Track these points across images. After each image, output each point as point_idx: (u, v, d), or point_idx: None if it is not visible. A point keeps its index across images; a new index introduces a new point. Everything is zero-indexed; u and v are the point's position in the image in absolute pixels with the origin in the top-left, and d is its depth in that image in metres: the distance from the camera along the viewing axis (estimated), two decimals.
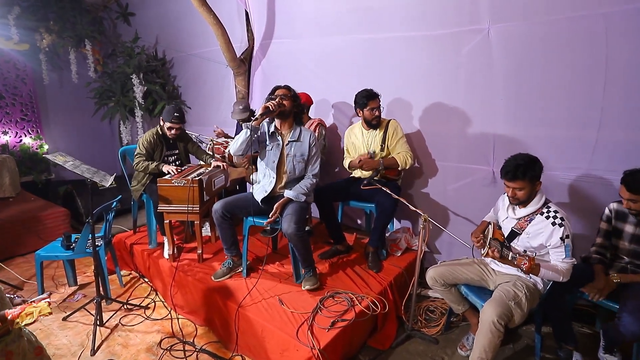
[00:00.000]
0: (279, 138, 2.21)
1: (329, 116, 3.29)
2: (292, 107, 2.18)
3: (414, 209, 2.02)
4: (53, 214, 3.42)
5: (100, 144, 5.32)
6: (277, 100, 2.11)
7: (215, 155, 3.15)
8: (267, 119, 2.22)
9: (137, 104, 4.17)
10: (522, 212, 1.80)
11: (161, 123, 2.68)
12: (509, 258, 1.66)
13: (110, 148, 5.42)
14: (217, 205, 2.17)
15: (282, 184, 2.25)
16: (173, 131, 2.65)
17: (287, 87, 2.22)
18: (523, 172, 1.68)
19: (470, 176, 2.63)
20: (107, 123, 4.95)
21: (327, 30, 3.13)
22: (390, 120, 2.59)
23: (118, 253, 2.94)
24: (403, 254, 2.67)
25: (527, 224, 1.78)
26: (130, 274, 2.92)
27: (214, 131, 3.49)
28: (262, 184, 2.27)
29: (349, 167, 2.66)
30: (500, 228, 1.97)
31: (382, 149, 2.55)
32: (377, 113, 2.49)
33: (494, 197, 2.52)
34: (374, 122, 2.51)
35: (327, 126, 3.22)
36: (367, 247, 2.51)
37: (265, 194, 2.22)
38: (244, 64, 3.65)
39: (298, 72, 3.36)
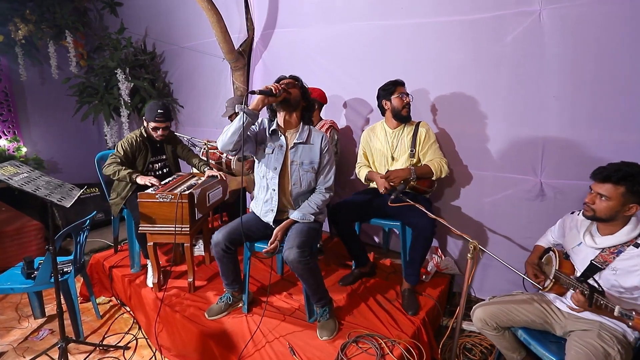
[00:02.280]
0: (282, 138, 1.77)
1: (341, 117, 2.88)
2: (299, 98, 1.73)
3: (459, 234, 1.61)
4: (24, 228, 2.97)
5: (85, 147, 4.86)
6: (281, 84, 1.67)
7: (210, 161, 2.73)
8: (266, 117, 1.81)
9: (122, 102, 3.73)
10: (607, 240, 1.39)
11: (145, 124, 2.26)
12: (616, 313, 1.22)
13: (98, 151, 4.98)
14: (219, 237, 1.73)
15: (286, 198, 1.82)
16: (159, 132, 2.23)
17: (294, 77, 1.79)
18: (622, 178, 1.29)
19: (511, 187, 2.22)
20: (95, 124, 4.50)
21: (339, 17, 2.71)
22: (420, 121, 2.18)
23: (96, 276, 2.51)
24: (432, 278, 2.27)
25: (614, 257, 1.37)
26: (110, 300, 2.49)
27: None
28: (261, 198, 1.83)
29: (365, 178, 2.24)
30: (567, 257, 1.57)
31: (411, 155, 2.14)
32: (407, 99, 2.08)
33: (540, 214, 2.14)
34: (404, 113, 2.09)
35: (339, 129, 2.81)
36: (403, 284, 2.08)
37: (274, 214, 1.79)
38: (242, 57, 3.23)
39: (305, 66, 2.94)
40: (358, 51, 2.67)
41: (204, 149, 2.75)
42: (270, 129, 1.74)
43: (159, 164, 2.38)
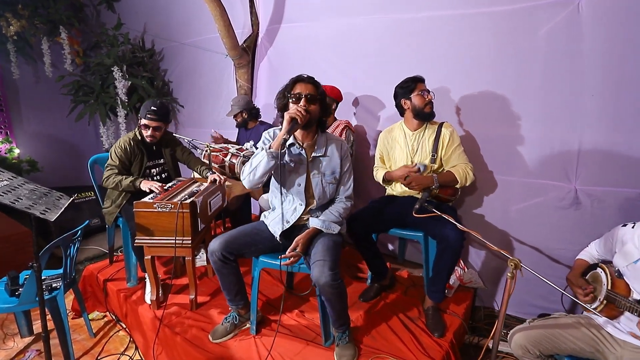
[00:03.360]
0: (302, 153, 1.61)
1: (352, 116, 2.70)
2: (319, 113, 1.58)
3: (497, 249, 1.42)
4: (11, 236, 2.78)
5: (81, 148, 4.68)
6: (302, 105, 1.50)
7: (213, 164, 2.54)
8: (275, 128, 1.65)
9: (119, 102, 3.54)
10: None
11: (140, 122, 2.07)
12: None
13: (94, 153, 4.79)
14: (215, 245, 1.55)
15: (308, 211, 1.66)
16: (149, 131, 2.03)
17: (312, 82, 1.59)
18: None
19: (542, 195, 2.04)
20: (91, 124, 4.31)
21: (351, 10, 2.53)
22: (443, 122, 1.99)
23: (89, 289, 2.32)
24: (455, 292, 2.09)
25: None
26: (105, 315, 2.30)
27: (211, 136, 2.89)
28: (279, 212, 1.66)
29: (383, 180, 2.06)
30: (620, 276, 1.38)
31: (433, 160, 1.95)
32: (429, 97, 1.90)
33: (575, 224, 1.95)
34: (427, 110, 1.91)
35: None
36: (425, 301, 1.89)
37: (287, 226, 1.62)
38: (246, 53, 3.04)
39: (314, 63, 2.76)
40: (371, 46, 2.49)
41: (206, 151, 2.56)
42: (287, 143, 1.56)
43: (157, 168, 2.19)
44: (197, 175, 2.44)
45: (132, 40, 3.85)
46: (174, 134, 2.33)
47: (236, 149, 2.58)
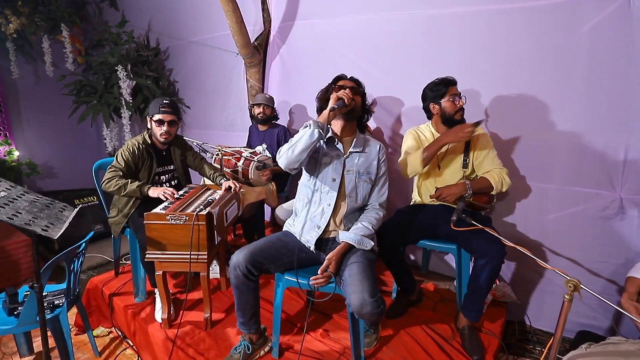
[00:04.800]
0: (339, 146, 1.52)
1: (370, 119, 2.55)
2: (360, 108, 1.56)
3: (551, 268, 1.27)
4: (9, 244, 2.63)
5: (83, 151, 4.51)
6: (347, 91, 1.46)
7: (225, 169, 2.39)
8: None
9: (123, 102, 3.39)
10: None
11: (149, 125, 1.92)
12: None
13: (97, 156, 4.64)
14: (239, 257, 1.40)
15: (337, 216, 1.52)
16: (164, 127, 1.88)
17: (354, 80, 1.61)
18: None
19: (581, 203, 1.90)
20: (94, 126, 4.15)
21: (373, 5, 2.38)
22: (480, 120, 1.84)
23: (94, 303, 2.17)
24: (487, 307, 1.94)
25: None
26: (110, 331, 2.15)
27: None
28: (304, 216, 1.52)
29: (421, 162, 1.74)
30: None
31: (465, 165, 1.81)
32: (461, 103, 1.76)
33: (619, 236, 1.81)
34: (458, 117, 1.76)
35: (371, 131, 2.49)
36: (460, 320, 1.73)
37: (318, 232, 1.48)
38: (258, 52, 2.90)
39: (331, 61, 2.61)
40: (394, 44, 2.34)
41: (217, 155, 2.42)
42: (326, 136, 1.46)
43: (167, 175, 2.04)
44: (208, 182, 2.29)
45: (137, 39, 3.71)
46: (183, 137, 2.18)
47: (249, 153, 2.43)
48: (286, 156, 1.41)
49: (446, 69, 1.90)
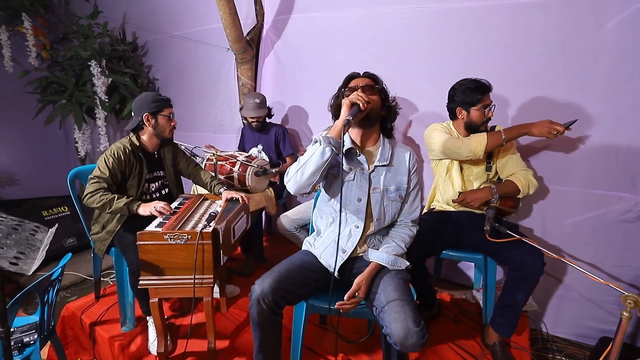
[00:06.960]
0: (362, 158, 1.29)
1: None
2: (380, 108, 1.29)
3: (604, 282, 1.17)
4: None
5: (50, 156, 4.08)
6: (360, 92, 1.21)
7: (219, 176, 2.17)
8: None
9: (98, 102, 3.06)
10: None
11: (147, 121, 1.65)
12: None
13: (65, 159, 4.21)
14: (265, 286, 1.16)
15: (364, 236, 1.33)
16: (173, 122, 1.74)
17: (368, 75, 1.33)
18: None
19: (602, 207, 1.83)
20: (60, 128, 3.74)
21: None
22: (494, 126, 1.74)
23: (71, 333, 1.88)
24: None
25: None
26: None
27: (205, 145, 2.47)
28: (327, 238, 1.33)
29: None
30: None
31: (488, 168, 1.70)
32: (490, 114, 1.64)
33: None
34: (482, 129, 1.65)
35: None
36: (489, 335, 1.60)
37: (344, 258, 1.29)
38: (250, 47, 2.68)
39: (331, 57, 2.45)
40: (403, 39, 2.20)
41: (212, 161, 2.18)
42: (345, 148, 1.24)
43: (156, 183, 1.78)
44: (201, 190, 2.06)
45: (110, 32, 3.37)
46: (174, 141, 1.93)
47: (245, 157, 2.21)
48: (295, 180, 1.19)
49: (461, 67, 1.79)
